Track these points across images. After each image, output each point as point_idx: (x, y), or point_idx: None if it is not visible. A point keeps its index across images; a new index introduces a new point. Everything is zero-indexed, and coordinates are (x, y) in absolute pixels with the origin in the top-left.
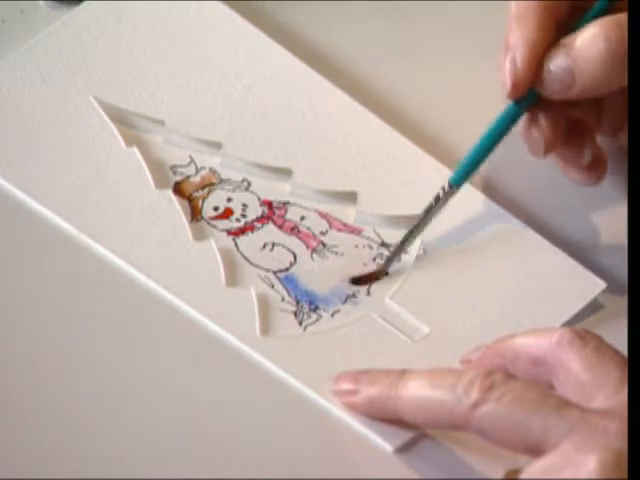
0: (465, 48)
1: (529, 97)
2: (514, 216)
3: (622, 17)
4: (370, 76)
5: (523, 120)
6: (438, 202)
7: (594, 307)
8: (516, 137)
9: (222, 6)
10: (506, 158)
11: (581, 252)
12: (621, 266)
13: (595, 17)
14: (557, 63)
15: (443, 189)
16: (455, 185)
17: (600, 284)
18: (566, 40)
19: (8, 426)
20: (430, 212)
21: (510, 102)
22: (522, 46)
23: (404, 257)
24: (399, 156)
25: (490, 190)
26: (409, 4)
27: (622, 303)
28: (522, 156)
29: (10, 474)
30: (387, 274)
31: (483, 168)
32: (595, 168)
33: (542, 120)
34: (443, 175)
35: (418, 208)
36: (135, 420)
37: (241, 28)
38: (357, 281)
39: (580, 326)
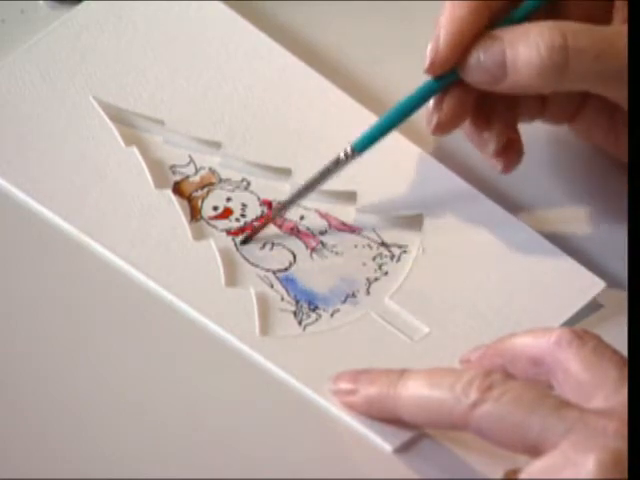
0: None
1: (449, 77)
2: (514, 216)
3: (568, 24)
4: (370, 76)
5: (435, 97)
6: (337, 165)
7: (594, 307)
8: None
9: (222, 6)
10: None
11: (581, 252)
12: (621, 266)
13: (530, 11)
14: (490, 54)
15: (345, 153)
16: (357, 151)
17: (600, 284)
18: (503, 33)
19: (8, 426)
20: (326, 174)
21: (430, 78)
22: (450, 27)
23: (403, 256)
24: (399, 156)
25: (490, 190)
26: (409, 4)
27: (622, 303)
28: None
29: (10, 474)
30: (376, 279)
31: (483, 168)
32: (504, 157)
33: (446, 102)
34: (443, 174)
35: (418, 208)
36: (135, 420)
37: (241, 28)
38: (246, 240)
39: (579, 326)
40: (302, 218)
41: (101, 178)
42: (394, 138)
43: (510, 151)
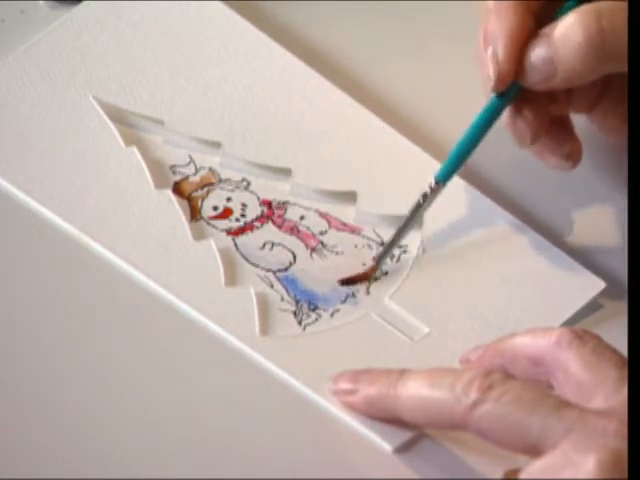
0: (466, 48)
1: (512, 89)
2: (514, 216)
3: (601, 5)
4: (370, 76)
5: (508, 112)
6: (425, 200)
7: (593, 307)
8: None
9: (222, 6)
10: (506, 158)
11: (581, 252)
12: (621, 266)
13: (574, 6)
14: (538, 54)
15: (430, 187)
16: (441, 182)
17: (599, 284)
18: (546, 30)
19: (8, 426)
20: (418, 210)
21: (492, 95)
22: (503, 38)
23: (403, 257)
24: (399, 156)
25: (490, 190)
26: (409, 4)
27: (621, 303)
28: (522, 156)
29: (10, 474)
30: (376, 279)
31: (483, 168)
32: (572, 156)
33: (526, 111)
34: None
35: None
36: (134, 420)
37: (241, 28)
38: (347, 282)
39: (579, 326)
40: (302, 218)
41: (101, 178)
42: (394, 138)
43: (576, 150)
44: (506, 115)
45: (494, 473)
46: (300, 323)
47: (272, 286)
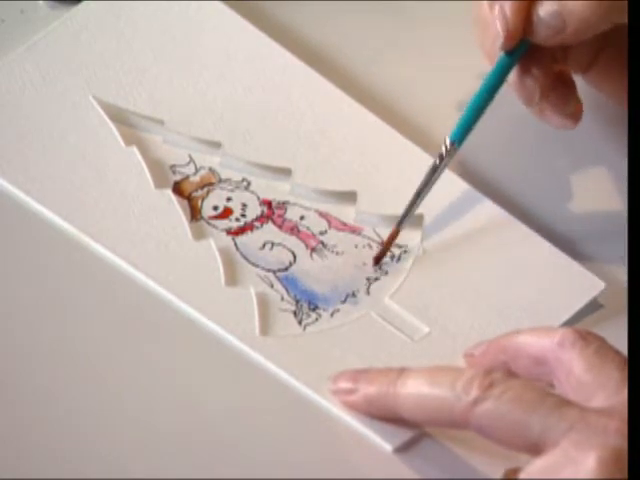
0: (467, 48)
1: (521, 47)
2: (514, 216)
3: None
4: (370, 76)
5: (515, 71)
6: (442, 161)
7: (594, 307)
8: (519, 138)
9: (222, 6)
10: (506, 158)
11: (581, 252)
12: (621, 266)
13: None
14: (546, 8)
15: (445, 147)
16: (456, 142)
17: (599, 284)
18: None
19: (8, 426)
20: (435, 172)
21: (501, 54)
22: None
23: (404, 256)
24: (399, 156)
25: (490, 190)
26: (409, 4)
27: (621, 303)
28: (522, 156)
29: (10, 474)
30: (376, 279)
31: (484, 169)
32: (576, 114)
33: (534, 69)
34: (443, 175)
35: (418, 208)
36: (134, 419)
37: (241, 28)
38: (378, 260)
39: (579, 326)
40: (302, 218)
41: (101, 178)
42: (394, 138)
43: (578, 108)
44: (514, 74)
45: (494, 473)
46: (300, 323)
47: (272, 286)
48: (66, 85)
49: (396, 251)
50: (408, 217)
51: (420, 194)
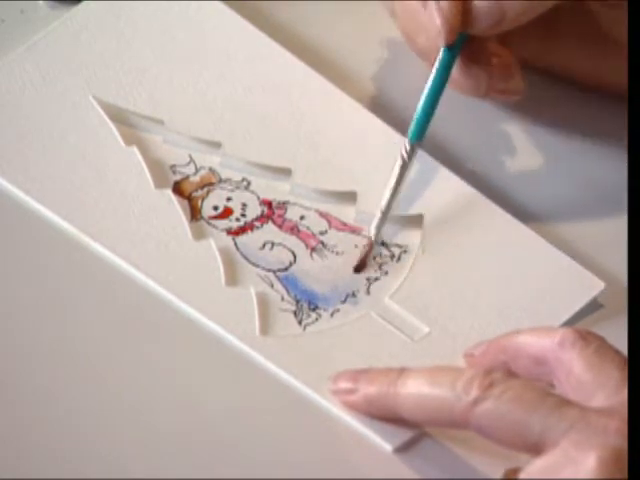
0: None
1: (459, 40)
2: (514, 217)
3: None
4: (370, 76)
5: (458, 64)
6: (403, 164)
7: (594, 307)
8: (518, 138)
9: (222, 6)
10: (506, 159)
11: (580, 252)
12: (620, 266)
13: None
14: (483, 1)
15: (406, 150)
16: (415, 142)
17: (599, 284)
18: None
19: (7, 426)
20: (401, 175)
21: (442, 49)
22: None
23: (403, 256)
24: (398, 156)
25: (489, 190)
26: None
27: (621, 303)
28: (521, 156)
29: (10, 474)
30: (377, 279)
31: (484, 168)
32: (518, 88)
33: (478, 56)
34: (443, 175)
35: (418, 208)
36: (134, 419)
37: (241, 28)
38: (358, 268)
39: (579, 326)
40: (302, 218)
41: (101, 178)
42: (394, 139)
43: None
44: (456, 67)
45: (494, 473)
46: (300, 323)
47: (272, 286)
48: (66, 85)
49: (396, 251)
50: (382, 225)
51: (390, 202)
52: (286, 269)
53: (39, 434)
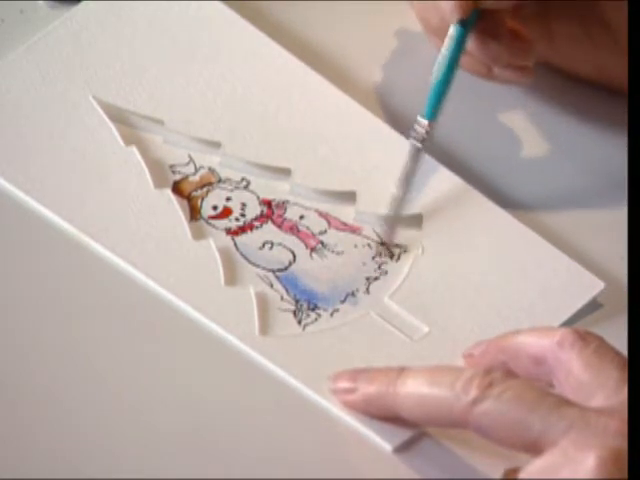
0: None
1: (472, 16)
2: (513, 216)
3: None
4: (370, 76)
5: (473, 40)
6: (424, 142)
7: (593, 307)
8: (518, 138)
9: (222, 6)
10: (505, 158)
11: (581, 252)
12: (620, 266)
13: None
14: None
15: (421, 125)
16: (430, 119)
17: (599, 284)
18: None
19: (8, 426)
20: (416, 156)
21: (455, 26)
22: None
23: (403, 256)
24: (398, 156)
25: (489, 190)
26: (409, 4)
27: (621, 303)
28: (521, 156)
29: (10, 474)
30: (376, 278)
31: (483, 168)
32: (529, 68)
33: (493, 31)
34: (443, 174)
35: (417, 208)
36: (133, 419)
37: (241, 28)
38: (383, 243)
39: (579, 325)
40: (302, 218)
41: (101, 178)
42: (393, 138)
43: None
44: (471, 44)
45: (494, 473)
46: (300, 323)
47: (272, 286)
48: (66, 85)
49: (396, 251)
50: (399, 206)
51: (410, 175)
52: (286, 269)
53: (39, 434)
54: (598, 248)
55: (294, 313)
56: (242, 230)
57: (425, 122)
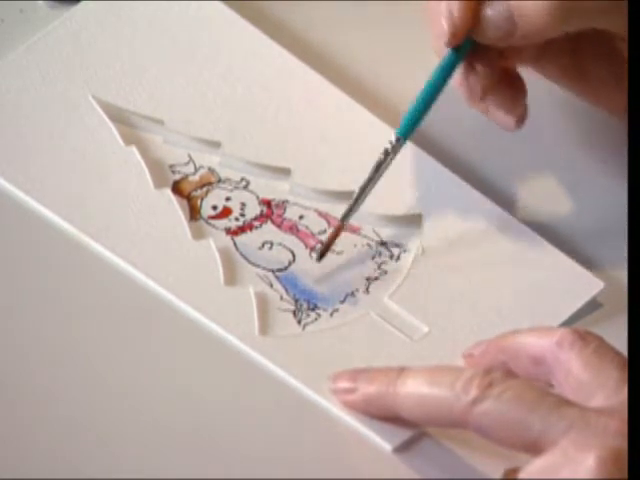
0: None
1: (466, 45)
2: (513, 216)
3: None
4: (369, 76)
5: (460, 68)
6: (387, 156)
7: (593, 307)
8: (518, 138)
9: (222, 6)
10: (505, 158)
11: (581, 252)
12: (620, 266)
13: None
14: (496, 9)
15: (391, 143)
16: (402, 137)
17: (598, 284)
18: None
19: (8, 426)
20: (380, 167)
21: (448, 50)
22: None
23: (403, 256)
24: (398, 156)
25: (489, 190)
26: (409, 4)
27: (620, 303)
28: (521, 156)
29: (10, 474)
30: (376, 278)
31: (483, 168)
32: (520, 115)
33: (479, 66)
34: (443, 174)
35: (417, 207)
36: (133, 419)
37: (241, 28)
38: (322, 254)
39: (579, 325)
40: (301, 217)
41: (101, 178)
42: (393, 138)
43: (524, 108)
44: (458, 71)
45: (494, 472)
46: (299, 322)
47: (271, 285)
48: (66, 85)
49: (395, 251)
50: (352, 213)
51: (365, 189)
52: (285, 269)
53: (39, 434)
54: (598, 248)
55: (294, 313)
56: (242, 230)
57: (394, 136)
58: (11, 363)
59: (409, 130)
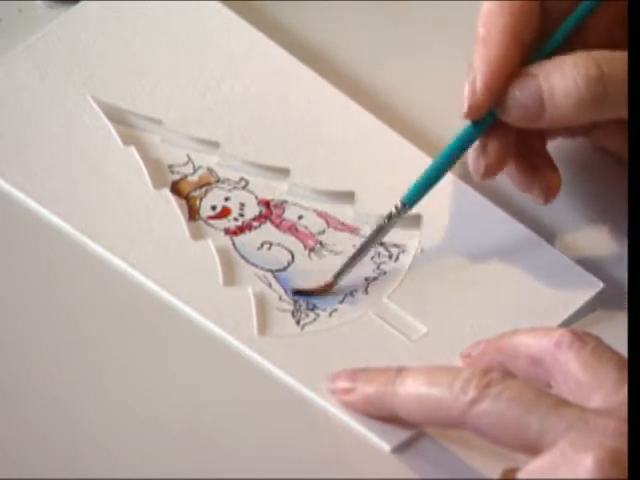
0: (467, 48)
1: (488, 119)
2: (512, 216)
3: (598, 52)
4: (369, 76)
5: (478, 142)
6: (390, 220)
7: (592, 307)
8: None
9: (221, 6)
10: None
11: (580, 252)
12: (619, 266)
13: (558, 45)
14: (527, 92)
15: (396, 207)
16: (408, 204)
17: (598, 284)
18: (536, 69)
19: (8, 426)
20: (381, 231)
21: (468, 122)
22: (484, 69)
23: (402, 256)
24: (397, 156)
25: (487, 190)
26: (409, 4)
27: (620, 303)
28: None
29: (10, 474)
30: (375, 278)
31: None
32: (550, 190)
33: (490, 145)
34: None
35: (416, 208)
36: (132, 419)
37: (240, 28)
38: (301, 293)
39: (578, 325)
40: (300, 218)
41: (99, 178)
42: (392, 138)
43: (550, 186)
44: (473, 146)
45: (493, 473)
46: (298, 323)
47: (270, 285)
48: (64, 85)
49: (394, 251)
50: (347, 271)
51: (362, 250)
52: (284, 269)
53: (39, 434)
54: (598, 248)
55: (292, 313)
56: (241, 230)
57: (400, 203)
58: (11, 363)
59: (415, 199)
